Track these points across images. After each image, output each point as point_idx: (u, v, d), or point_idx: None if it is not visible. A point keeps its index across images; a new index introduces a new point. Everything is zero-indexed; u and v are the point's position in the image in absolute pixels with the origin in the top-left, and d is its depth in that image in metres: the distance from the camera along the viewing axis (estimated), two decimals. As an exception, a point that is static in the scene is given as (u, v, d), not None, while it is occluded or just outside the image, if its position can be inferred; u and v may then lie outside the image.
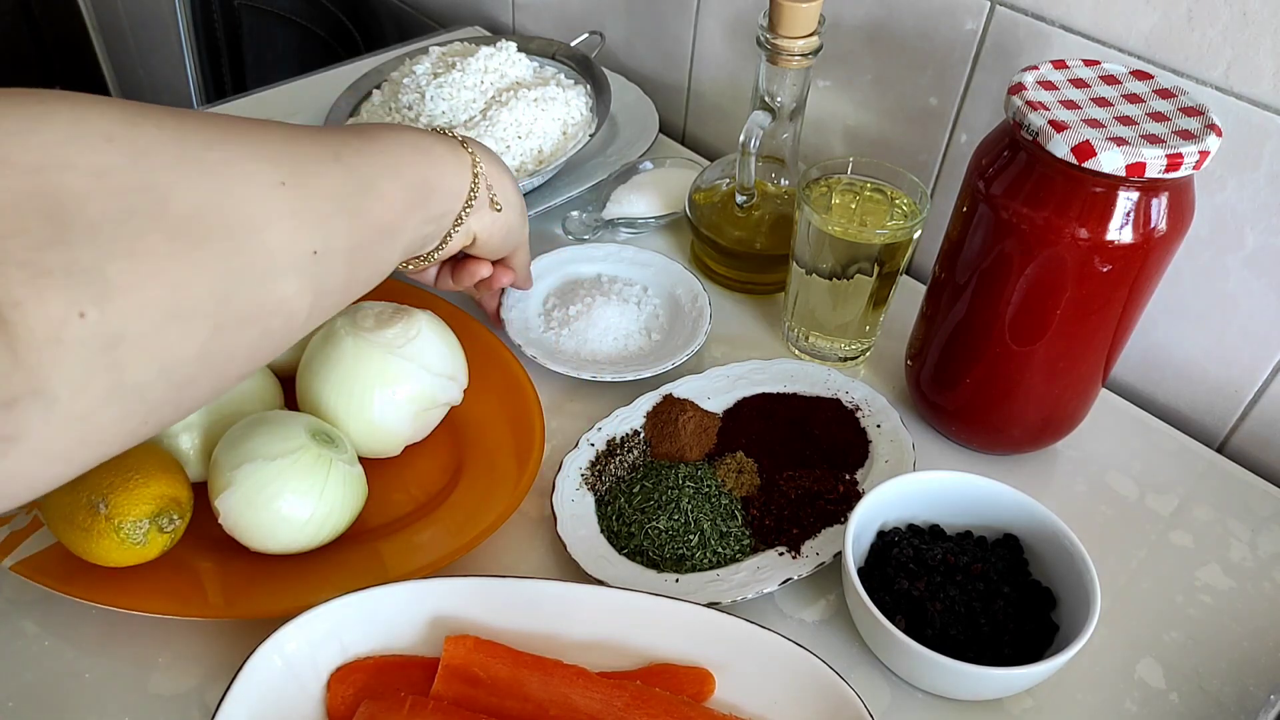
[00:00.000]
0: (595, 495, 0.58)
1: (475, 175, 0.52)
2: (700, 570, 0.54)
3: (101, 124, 0.33)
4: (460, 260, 0.60)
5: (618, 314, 0.69)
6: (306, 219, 0.40)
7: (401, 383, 0.55)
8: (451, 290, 0.63)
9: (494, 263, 0.61)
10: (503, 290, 0.67)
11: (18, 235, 0.30)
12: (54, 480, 0.34)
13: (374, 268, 0.46)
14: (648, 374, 0.64)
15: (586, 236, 0.77)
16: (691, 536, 0.55)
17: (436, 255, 0.53)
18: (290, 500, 0.49)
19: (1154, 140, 0.48)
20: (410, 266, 0.53)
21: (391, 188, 0.45)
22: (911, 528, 0.55)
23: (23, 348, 0.30)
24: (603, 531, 0.56)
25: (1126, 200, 0.49)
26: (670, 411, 0.61)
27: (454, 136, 0.52)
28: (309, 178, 0.40)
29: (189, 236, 0.34)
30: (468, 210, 0.52)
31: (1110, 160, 0.47)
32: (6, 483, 0.32)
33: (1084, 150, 0.48)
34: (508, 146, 0.75)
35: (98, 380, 0.32)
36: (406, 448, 0.59)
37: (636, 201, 0.79)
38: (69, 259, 0.31)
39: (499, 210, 0.55)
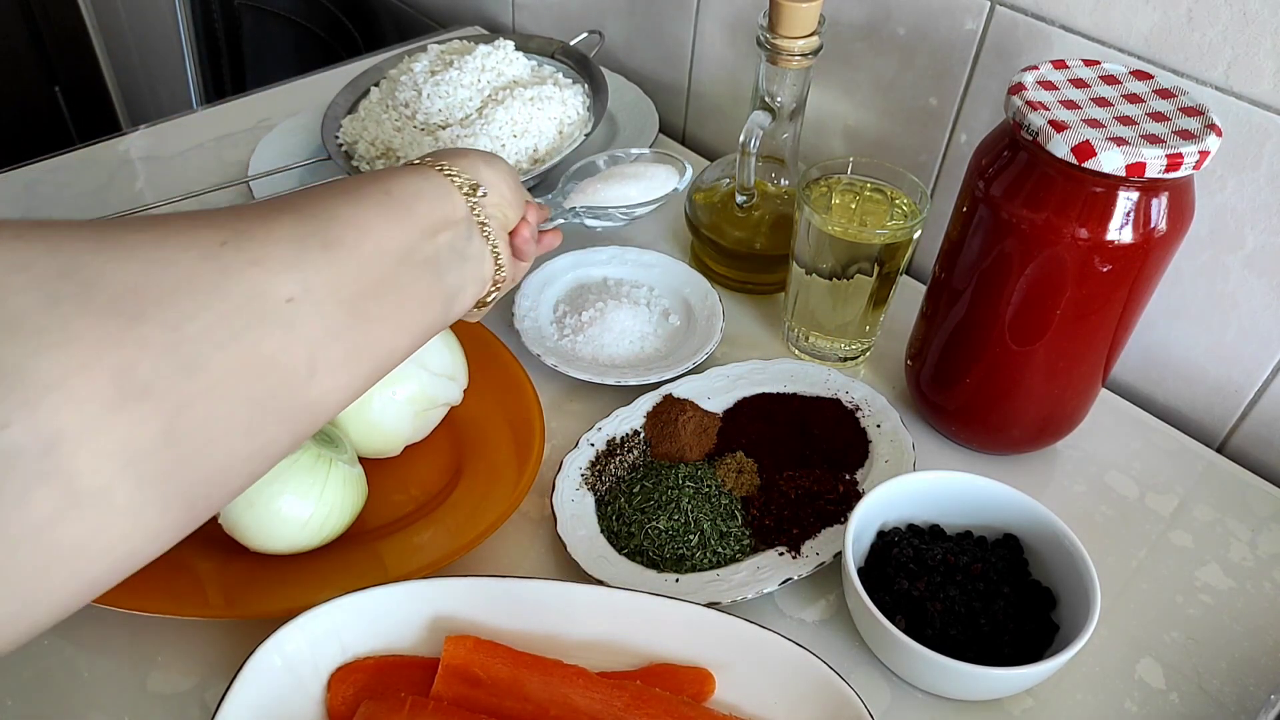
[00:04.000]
0: (595, 495, 0.58)
1: (458, 185, 0.46)
2: (700, 570, 0.54)
3: (7, 229, 0.30)
4: None
5: (630, 316, 0.69)
6: (268, 266, 0.35)
7: (401, 383, 0.55)
8: None
9: None
10: (511, 300, 0.68)
11: None
12: (32, 626, 0.29)
13: (404, 300, 0.41)
14: (671, 374, 0.64)
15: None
16: (691, 536, 0.55)
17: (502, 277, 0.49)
18: (290, 500, 0.49)
19: (1154, 140, 0.48)
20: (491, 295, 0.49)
21: (354, 211, 0.40)
22: (911, 528, 0.55)
23: None
24: (603, 531, 0.56)
25: (1126, 200, 0.49)
26: (670, 411, 0.61)
27: (415, 162, 0.47)
28: (255, 229, 0.36)
29: (123, 314, 0.30)
30: (479, 214, 0.47)
31: (1110, 160, 0.47)
32: None
33: (1084, 150, 0.48)
34: (503, 145, 0.75)
35: (40, 492, 0.27)
36: (406, 448, 0.59)
37: (607, 191, 0.76)
38: None
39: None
